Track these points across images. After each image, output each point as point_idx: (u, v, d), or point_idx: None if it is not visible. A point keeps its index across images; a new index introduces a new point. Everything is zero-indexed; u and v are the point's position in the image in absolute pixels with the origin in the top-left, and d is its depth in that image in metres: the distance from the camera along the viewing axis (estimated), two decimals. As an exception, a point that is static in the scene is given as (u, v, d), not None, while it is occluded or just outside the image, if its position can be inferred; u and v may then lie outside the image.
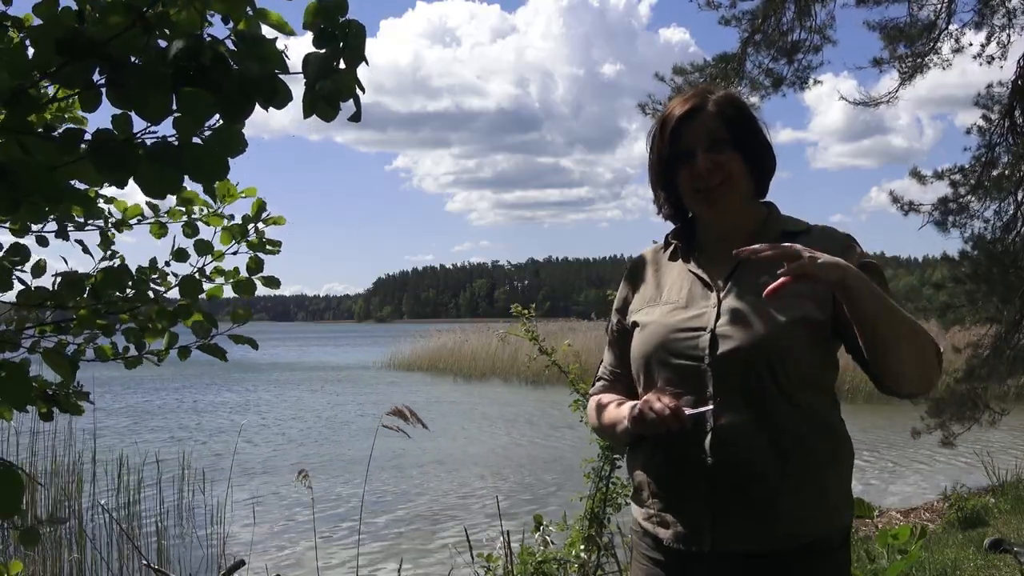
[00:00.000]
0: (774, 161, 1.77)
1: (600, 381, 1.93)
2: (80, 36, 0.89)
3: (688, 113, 1.70)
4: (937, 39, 7.81)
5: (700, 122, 1.69)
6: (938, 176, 8.05)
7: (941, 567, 5.30)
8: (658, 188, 1.80)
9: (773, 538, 1.59)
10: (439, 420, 15.70)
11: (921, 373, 1.59)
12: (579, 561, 3.84)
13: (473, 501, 9.04)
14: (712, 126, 1.68)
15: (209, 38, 0.91)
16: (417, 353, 31.26)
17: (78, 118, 1.51)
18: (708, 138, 1.68)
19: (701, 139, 1.68)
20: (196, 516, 7.82)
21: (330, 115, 0.96)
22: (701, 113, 1.70)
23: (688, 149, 1.69)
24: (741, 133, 1.70)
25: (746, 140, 1.70)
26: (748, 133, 1.71)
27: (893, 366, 1.57)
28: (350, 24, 0.92)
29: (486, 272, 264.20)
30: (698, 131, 1.68)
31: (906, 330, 1.54)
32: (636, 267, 1.88)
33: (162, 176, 0.93)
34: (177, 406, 18.38)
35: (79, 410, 2.03)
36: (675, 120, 1.70)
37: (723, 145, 1.68)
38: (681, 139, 1.69)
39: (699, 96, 1.74)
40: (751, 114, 1.75)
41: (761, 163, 1.74)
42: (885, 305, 1.51)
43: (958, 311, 7.89)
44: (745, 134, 1.71)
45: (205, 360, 1.95)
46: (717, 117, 1.69)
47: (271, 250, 1.96)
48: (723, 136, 1.68)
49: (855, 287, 1.48)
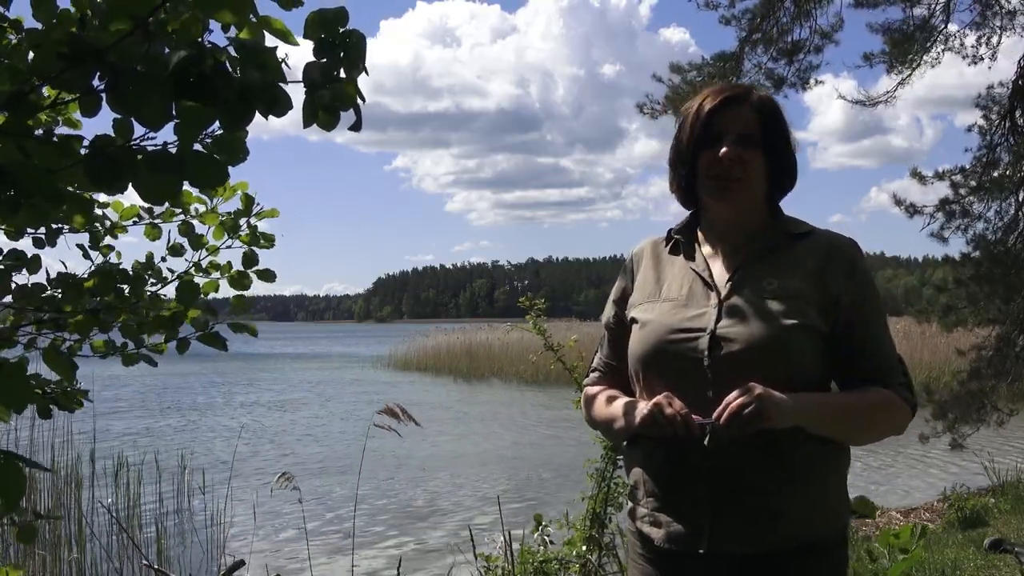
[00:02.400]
0: (795, 176, 1.76)
1: (595, 372, 1.92)
2: (81, 41, 0.89)
3: (727, 101, 1.69)
4: (934, 40, 7.80)
5: (736, 113, 1.68)
6: (939, 177, 8.04)
7: (941, 567, 5.30)
8: (678, 166, 1.78)
9: (770, 539, 1.58)
10: (439, 420, 15.71)
11: (882, 437, 1.73)
12: (580, 561, 3.84)
13: (473, 501, 9.04)
14: (746, 120, 1.68)
15: (210, 45, 0.91)
16: (417, 353, 31.27)
17: (73, 121, 1.51)
18: (740, 130, 1.67)
19: (733, 129, 1.67)
20: (196, 516, 7.82)
21: (330, 124, 0.96)
22: (740, 106, 1.69)
23: (717, 135, 1.68)
24: (772, 137, 1.70)
25: (775, 144, 1.70)
26: (779, 139, 1.71)
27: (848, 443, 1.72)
28: (351, 34, 0.92)
29: (486, 272, 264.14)
30: (732, 121, 1.68)
31: (866, 426, 1.68)
32: (635, 258, 1.87)
33: (161, 183, 0.93)
34: (177, 406, 18.38)
35: (77, 405, 2.03)
36: (715, 104, 1.69)
37: (751, 142, 1.67)
38: (714, 123, 1.68)
39: (743, 88, 1.75)
40: (786, 123, 1.74)
41: (783, 172, 1.73)
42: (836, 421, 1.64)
43: (960, 313, 7.88)
44: (776, 139, 1.70)
45: (206, 357, 1.94)
46: (754, 114, 1.69)
47: (264, 245, 1.96)
48: (754, 133, 1.68)
49: (805, 421, 1.59)
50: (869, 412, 1.64)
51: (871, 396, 1.64)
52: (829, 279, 1.64)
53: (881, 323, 1.71)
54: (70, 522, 6.71)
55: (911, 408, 1.68)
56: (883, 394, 1.65)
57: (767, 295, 1.64)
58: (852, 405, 1.65)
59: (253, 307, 2.07)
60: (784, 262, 1.69)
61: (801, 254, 1.70)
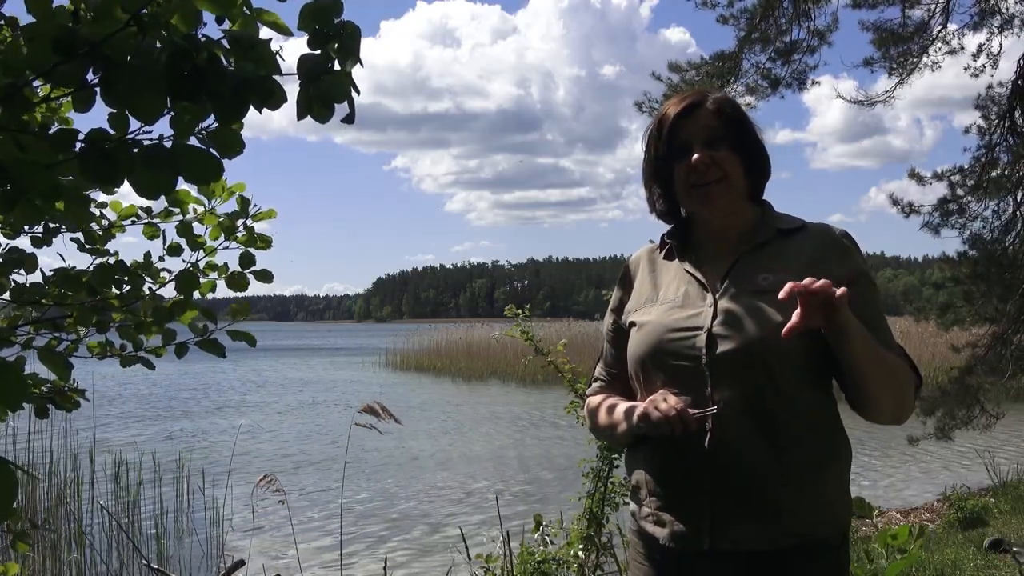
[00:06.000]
0: (769, 164, 1.78)
1: (597, 382, 1.93)
2: (75, 35, 0.89)
3: (687, 109, 1.71)
4: (932, 41, 7.81)
5: (698, 119, 1.70)
6: (937, 177, 8.04)
7: (941, 567, 5.31)
8: (653, 184, 1.80)
9: (772, 537, 1.58)
10: (440, 420, 15.73)
11: (894, 409, 1.66)
12: (578, 561, 3.84)
13: (473, 501, 9.03)
14: (710, 123, 1.70)
15: (204, 38, 0.91)
16: (417, 354, 31.31)
17: (67, 120, 1.51)
18: (706, 134, 1.69)
19: (699, 135, 1.69)
20: (196, 516, 7.82)
21: (325, 116, 0.95)
22: (699, 110, 1.71)
23: (686, 144, 1.69)
24: (738, 133, 1.71)
25: (743, 140, 1.72)
26: (745, 133, 1.73)
27: (869, 402, 1.63)
28: (345, 25, 0.92)
29: (486, 272, 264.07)
30: (696, 127, 1.69)
31: (886, 374, 1.60)
32: (631, 267, 1.89)
33: (155, 178, 0.93)
34: (177, 405, 18.38)
35: (75, 405, 2.03)
36: (674, 116, 1.71)
37: (720, 143, 1.68)
38: (679, 135, 1.70)
39: (698, 94, 1.76)
40: (748, 116, 1.77)
41: (757, 164, 1.75)
42: (871, 350, 1.56)
43: (957, 311, 7.88)
44: (742, 134, 1.72)
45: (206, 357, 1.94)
46: (715, 115, 1.70)
47: (261, 246, 1.96)
48: (721, 134, 1.69)
49: (850, 332, 1.53)
50: (891, 360, 1.62)
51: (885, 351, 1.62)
52: (823, 268, 1.64)
53: (878, 308, 1.71)
54: (70, 522, 6.71)
55: (917, 382, 1.67)
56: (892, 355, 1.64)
57: (762, 290, 1.65)
58: (878, 348, 1.61)
59: (253, 307, 2.07)
60: (778, 256, 1.70)
61: (794, 248, 1.71)
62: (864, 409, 1.65)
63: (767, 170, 1.77)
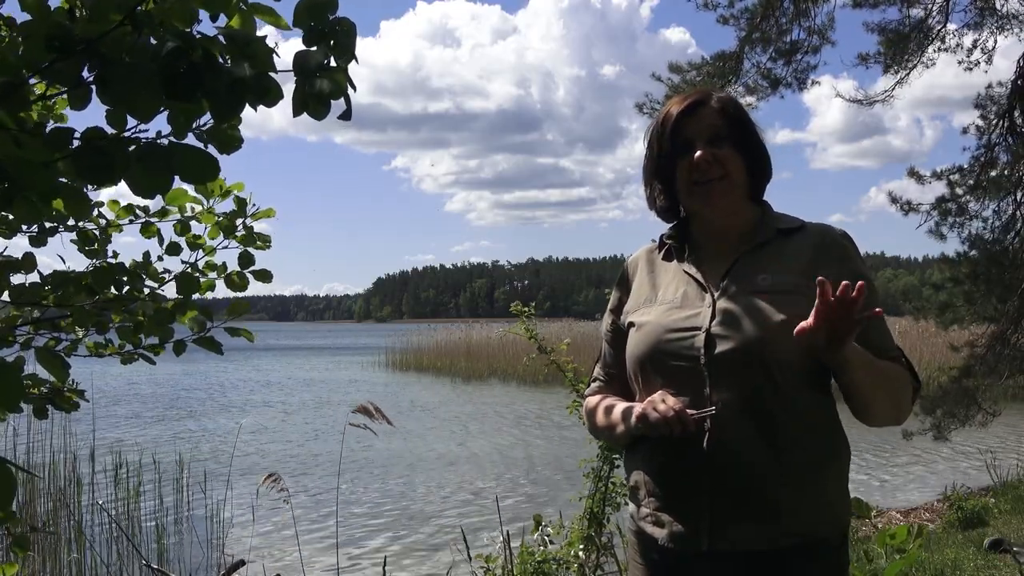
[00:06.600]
0: (771, 166, 1.79)
1: (595, 382, 1.93)
2: (70, 33, 0.89)
3: (690, 107, 1.72)
4: (930, 41, 7.80)
5: (701, 117, 1.71)
6: (936, 176, 8.04)
7: (941, 567, 5.30)
8: (654, 181, 1.80)
9: (771, 538, 1.58)
10: (440, 420, 15.73)
11: (891, 414, 1.68)
12: (578, 561, 3.84)
13: (473, 501, 9.03)
14: (713, 122, 1.71)
15: (199, 35, 0.91)
16: (417, 354, 31.34)
17: (61, 117, 1.51)
18: (709, 133, 1.70)
19: (702, 133, 1.70)
20: (195, 516, 7.81)
21: (321, 113, 0.95)
22: (703, 108, 1.72)
23: (688, 142, 1.70)
24: (741, 132, 1.72)
25: (746, 139, 1.73)
26: (748, 133, 1.74)
27: (867, 408, 1.66)
28: (340, 22, 0.92)
29: (486, 272, 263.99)
30: (699, 125, 1.71)
31: (885, 385, 1.63)
32: (630, 268, 1.89)
33: (151, 177, 0.92)
34: (177, 405, 18.38)
35: (74, 406, 2.03)
36: (677, 114, 1.72)
37: (723, 141, 1.69)
38: (682, 132, 1.71)
39: (702, 93, 1.77)
40: (750, 116, 1.78)
41: (759, 164, 1.75)
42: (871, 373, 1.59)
43: (957, 311, 7.88)
44: (745, 134, 1.73)
45: (206, 357, 1.94)
46: (719, 114, 1.71)
47: (260, 246, 1.96)
48: (724, 133, 1.70)
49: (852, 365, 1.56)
50: (886, 369, 1.64)
51: (883, 362, 1.65)
52: (822, 268, 1.64)
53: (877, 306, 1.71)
54: (70, 522, 6.70)
55: (915, 386, 1.70)
56: (891, 364, 1.66)
57: (761, 291, 1.65)
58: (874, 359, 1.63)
59: (253, 307, 2.07)
60: (776, 257, 1.70)
61: (794, 248, 1.71)
62: (861, 415, 1.67)
63: (768, 171, 1.78)
